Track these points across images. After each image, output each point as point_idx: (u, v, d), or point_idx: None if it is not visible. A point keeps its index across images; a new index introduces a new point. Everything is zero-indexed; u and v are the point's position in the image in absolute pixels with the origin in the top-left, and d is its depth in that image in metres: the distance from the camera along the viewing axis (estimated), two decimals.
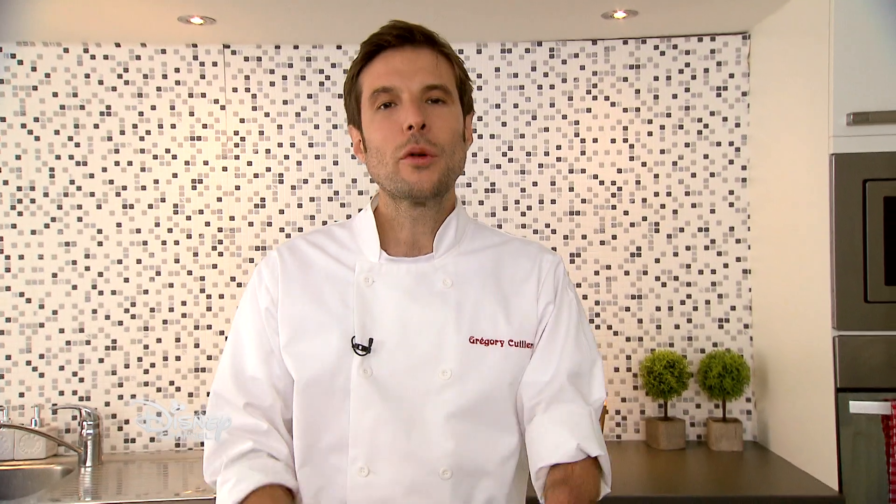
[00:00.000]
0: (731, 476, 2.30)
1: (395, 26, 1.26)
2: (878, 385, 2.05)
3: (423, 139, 1.21)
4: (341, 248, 1.37)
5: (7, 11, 2.36)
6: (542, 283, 1.35)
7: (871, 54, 2.06)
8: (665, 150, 2.66)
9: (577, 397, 1.31)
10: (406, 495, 1.27)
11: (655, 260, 2.67)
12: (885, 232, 2.05)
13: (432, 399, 1.28)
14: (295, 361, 1.31)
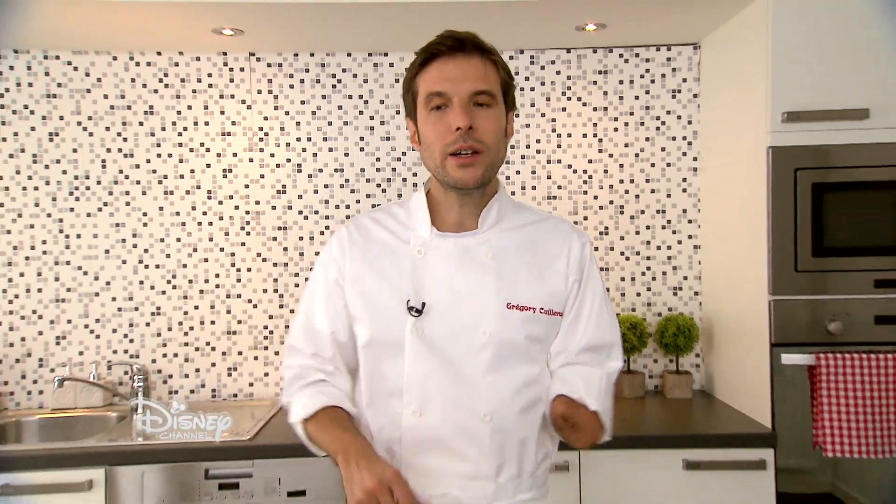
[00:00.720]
0: (683, 418, 2.34)
1: (449, 36, 1.26)
2: (805, 340, 2.08)
3: (470, 138, 1.22)
4: (398, 224, 1.37)
5: (65, 25, 2.37)
6: (571, 261, 1.34)
7: (802, 62, 2.07)
8: (628, 143, 2.68)
9: (595, 364, 1.34)
10: (452, 435, 1.29)
11: (620, 237, 2.70)
12: (811, 212, 2.07)
13: (474, 355, 1.29)
14: (360, 322, 1.34)
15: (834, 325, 2.07)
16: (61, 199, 2.66)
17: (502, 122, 1.28)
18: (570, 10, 2.25)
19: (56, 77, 2.66)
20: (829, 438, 2.00)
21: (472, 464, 1.30)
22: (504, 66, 1.30)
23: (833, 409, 2.01)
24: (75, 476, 2.04)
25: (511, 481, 1.32)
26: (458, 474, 1.30)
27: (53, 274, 2.67)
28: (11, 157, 2.64)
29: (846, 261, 2.10)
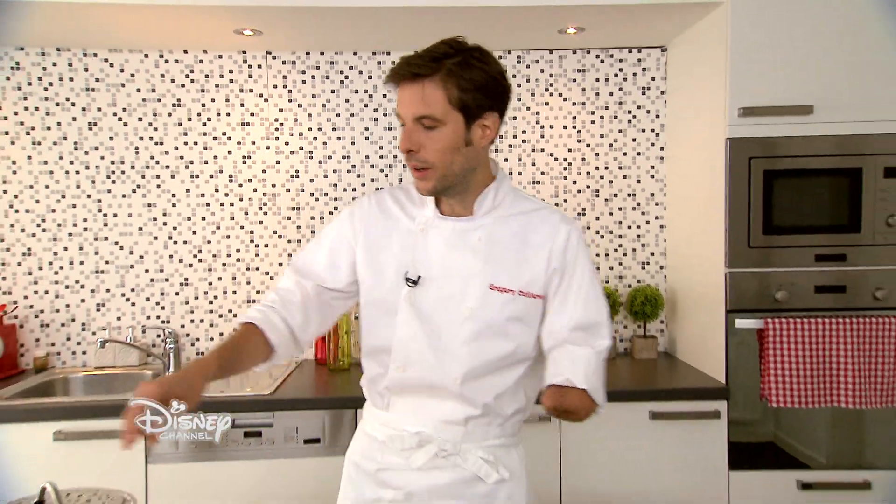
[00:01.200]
0: (649, 376, 2.38)
1: (394, 67, 1.22)
2: (756, 307, 2.14)
3: (413, 158, 1.22)
4: (411, 203, 1.36)
5: (102, 26, 2.38)
6: (554, 249, 1.31)
7: (757, 64, 2.11)
8: (603, 134, 2.71)
9: (584, 343, 1.31)
10: (428, 389, 1.32)
11: (595, 218, 2.73)
12: (763, 196, 2.12)
13: (455, 327, 1.29)
14: (365, 284, 1.36)
15: (780, 293, 2.12)
16: (99, 182, 2.67)
17: (451, 138, 1.21)
18: (554, 16, 2.26)
19: (94, 73, 2.65)
20: (775, 392, 2.06)
21: (443, 412, 1.33)
22: (469, 78, 1.19)
23: (778, 366, 2.07)
24: (117, 425, 2.07)
25: (479, 428, 1.34)
26: (432, 417, 1.33)
27: (93, 248, 2.68)
28: (55, 144, 2.64)
29: (791, 238, 2.14)
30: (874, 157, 2.13)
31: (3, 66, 2.62)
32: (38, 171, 2.66)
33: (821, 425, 2.19)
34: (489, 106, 1.23)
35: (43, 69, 2.64)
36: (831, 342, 2.09)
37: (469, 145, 1.23)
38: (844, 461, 2.17)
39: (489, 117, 1.24)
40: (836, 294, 2.15)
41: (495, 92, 1.24)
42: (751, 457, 2.16)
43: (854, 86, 2.12)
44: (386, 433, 1.36)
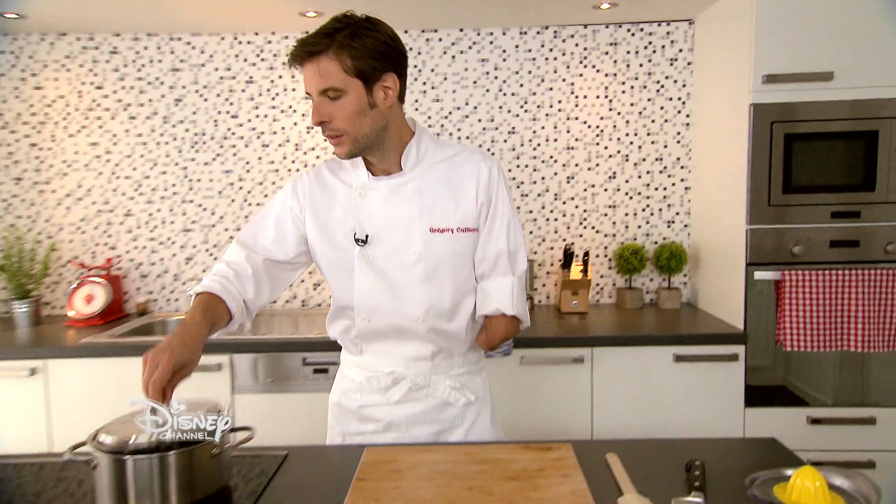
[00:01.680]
0: (673, 323, 2.37)
1: (292, 50, 1.20)
2: (774, 261, 2.15)
3: (327, 129, 1.20)
4: (345, 172, 1.35)
5: (185, 13, 2.43)
6: (480, 184, 1.32)
7: (780, 34, 2.07)
8: (633, 103, 2.69)
9: (507, 270, 1.35)
10: (394, 332, 1.35)
11: (625, 181, 2.72)
12: (783, 158, 2.11)
13: (407, 273, 1.31)
14: (319, 251, 1.36)
15: (797, 248, 2.13)
16: (185, 151, 2.75)
17: (356, 103, 1.19)
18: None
19: (179, 55, 2.72)
20: (789, 337, 2.09)
21: (411, 351, 1.36)
22: (361, 47, 1.17)
23: (793, 314, 2.09)
24: (208, 360, 2.18)
25: (444, 361, 1.38)
26: (402, 356, 1.37)
27: (182, 210, 2.78)
28: (148, 118, 2.73)
29: (809, 197, 2.13)
30: (891, 119, 2.09)
31: (104, 51, 2.71)
32: (135, 143, 2.75)
33: (829, 369, 2.20)
34: (384, 68, 1.20)
35: (136, 53, 2.71)
36: (843, 292, 2.09)
37: (374, 107, 1.22)
38: (851, 400, 2.18)
39: (388, 78, 1.22)
40: (849, 248, 2.14)
41: (388, 55, 1.21)
42: (764, 396, 2.18)
43: (873, 53, 2.08)
44: (363, 375, 1.40)
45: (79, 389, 2.19)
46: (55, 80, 2.71)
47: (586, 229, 2.77)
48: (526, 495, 1.02)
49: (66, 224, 2.78)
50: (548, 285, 2.79)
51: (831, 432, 2.17)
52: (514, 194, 2.76)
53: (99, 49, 2.71)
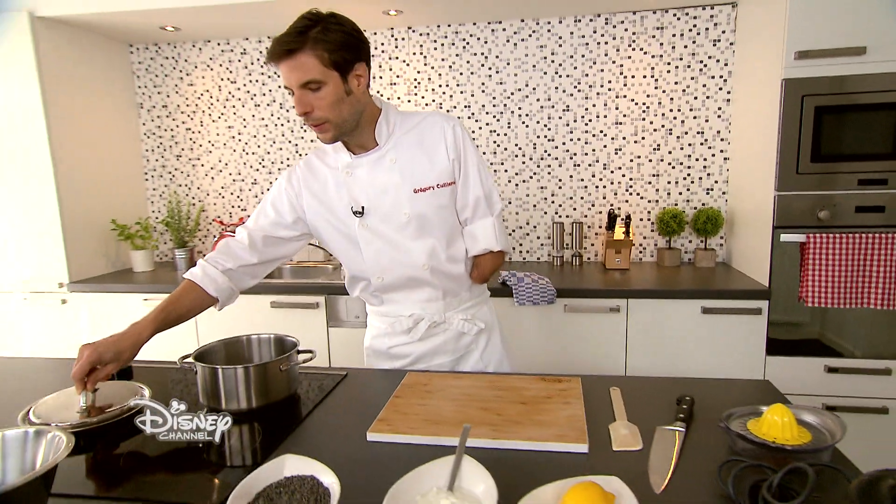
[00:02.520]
0: (706, 279, 2.32)
1: (276, 42, 1.14)
2: (799, 224, 2.07)
3: (310, 119, 1.18)
4: (329, 157, 1.33)
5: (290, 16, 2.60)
6: (448, 142, 1.30)
7: (813, 12, 1.96)
8: (678, 82, 2.61)
9: (487, 213, 1.36)
10: (406, 282, 1.36)
11: (668, 152, 2.66)
12: (813, 129, 2.01)
13: (403, 230, 1.31)
14: (324, 231, 1.35)
15: (823, 213, 2.04)
16: (296, 131, 2.89)
17: (335, 92, 1.16)
18: None
19: None
20: (811, 294, 2.03)
21: (424, 294, 1.37)
22: (331, 42, 1.14)
23: (816, 273, 2.02)
24: (309, 300, 2.34)
25: (453, 299, 1.40)
26: (417, 301, 1.38)
27: None
28: (268, 105, 2.90)
29: (836, 165, 2.03)
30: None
31: (236, 52, 2.92)
32: (259, 126, 2.93)
33: (861, 325, 2.10)
34: (354, 58, 1.18)
35: (259, 52, 2.87)
36: (866, 254, 1.99)
37: (350, 94, 1.19)
38: (868, 352, 2.09)
39: (359, 67, 1.19)
40: (875, 213, 2.02)
41: (357, 46, 1.18)
42: (785, 346, 2.12)
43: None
44: (387, 321, 1.42)
45: (217, 316, 2.31)
46: (202, 77, 2.95)
47: (632, 195, 2.74)
48: (529, 417, 1.04)
49: (210, 191, 3.04)
50: (596, 245, 2.80)
51: (848, 380, 2.09)
52: (567, 164, 2.77)
53: (233, 51, 2.90)
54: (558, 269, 2.60)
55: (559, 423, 1.01)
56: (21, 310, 2.62)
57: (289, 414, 1.14)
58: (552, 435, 0.97)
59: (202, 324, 2.45)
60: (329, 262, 2.88)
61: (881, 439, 2.08)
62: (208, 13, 2.45)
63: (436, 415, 1.06)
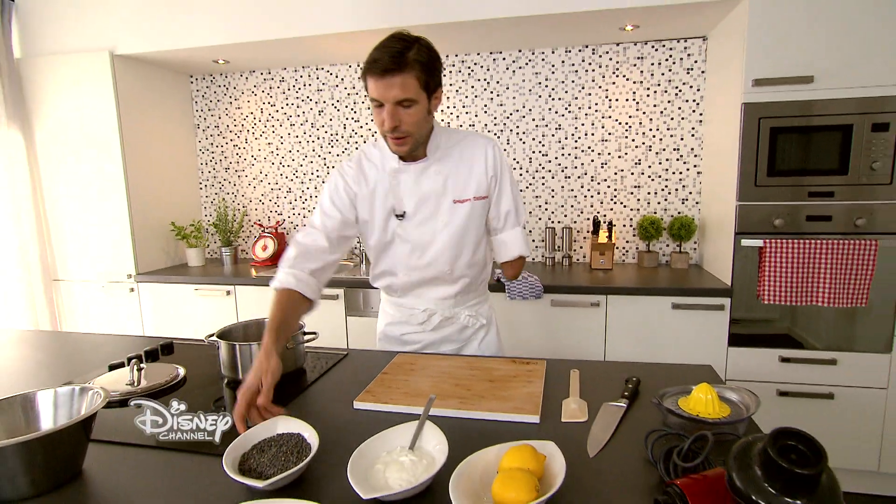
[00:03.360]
0: (677, 279, 2.31)
1: (377, 61, 1.09)
2: (758, 230, 2.08)
3: (396, 132, 1.14)
4: (377, 160, 1.29)
5: (326, 50, 2.58)
6: (488, 161, 1.28)
7: (767, 45, 1.97)
8: (656, 104, 2.62)
9: (515, 223, 1.34)
10: (428, 282, 1.35)
11: (648, 166, 2.67)
12: (769, 147, 2.02)
13: (437, 238, 1.29)
14: (365, 226, 1.31)
15: (778, 221, 2.05)
16: (325, 146, 2.97)
17: (422, 110, 1.15)
18: (616, 18, 2.23)
19: (322, 79, 2.90)
20: (767, 292, 2.04)
21: (440, 292, 1.36)
22: (425, 65, 1.12)
23: (771, 274, 2.03)
24: (329, 292, 2.35)
25: (462, 297, 1.39)
26: (433, 297, 1.37)
27: (322, 188, 2.86)
28: (301, 125, 2.97)
29: (789, 179, 2.03)
30: (863, 115, 1.94)
31: (276, 80, 2.98)
32: (293, 142, 3.01)
33: (800, 320, 2.11)
34: (438, 83, 1.17)
35: (295, 80, 2.96)
36: (814, 258, 2.00)
37: (430, 114, 1.18)
38: (817, 345, 2.10)
39: (438, 91, 1.18)
40: (823, 222, 2.03)
41: (439, 72, 1.17)
42: (744, 339, 2.13)
43: (848, 60, 1.94)
44: (403, 312, 1.41)
45: (253, 304, 2.50)
46: (248, 102, 3.05)
47: (616, 204, 2.75)
48: (493, 393, 1.06)
49: (252, 198, 3.13)
50: (584, 247, 2.83)
51: (797, 369, 2.10)
52: (559, 177, 2.80)
53: (273, 79, 2.99)
54: (550, 269, 2.62)
55: (519, 398, 1.04)
56: (98, 296, 2.81)
57: (294, 384, 1.18)
58: (510, 407, 1.00)
59: (241, 308, 2.57)
60: (350, 260, 2.92)
61: (828, 421, 2.09)
62: (253, 48, 2.57)
63: (415, 389, 1.10)
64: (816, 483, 0.62)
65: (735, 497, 0.65)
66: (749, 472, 0.65)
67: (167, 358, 1.40)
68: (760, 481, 0.64)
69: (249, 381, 0.96)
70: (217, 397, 1.14)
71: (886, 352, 2.01)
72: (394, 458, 0.79)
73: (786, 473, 0.62)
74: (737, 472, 0.66)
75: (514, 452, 0.78)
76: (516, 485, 0.70)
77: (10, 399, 0.88)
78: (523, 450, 0.78)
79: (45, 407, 0.89)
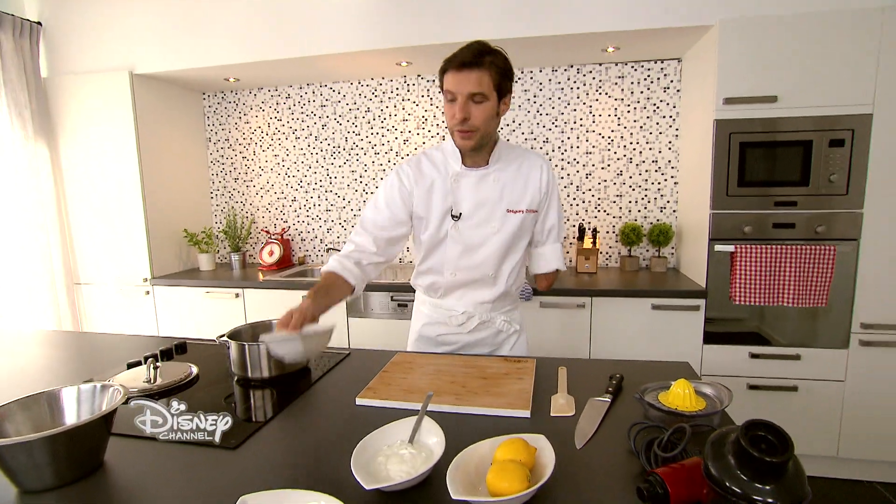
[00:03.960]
0: (657, 282, 2.32)
1: (457, 56, 1.11)
2: (730, 237, 2.09)
3: (465, 124, 1.14)
4: (439, 163, 1.27)
5: (328, 68, 2.57)
6: (542, 179, 1.28)
7: (737, 67, 2.00)
8: (636, 120, 2.63)
9: (556, 239, 1.34)
10: (471, 284, 1.31)
11: (629, 177, 2.67)
12: (739, 161, 2.04)
13: (487, 242, 1.26)
14: (424, 222, 1.28)
15: (747, 228, 2.07)
16: (327, 158, 2.94)
17: (492, 108, 1.15)
18: (598, 40, 2.25)
19: (325, 95, 2.89)
20: (738, 294, 2.05)
21: (480, 296, 1.33)
22: (500, 69, 1.13)
23: (742, 277, 2.04)
24: None
25: (500, 302, 1.35)
26: (473, 300, 1.33)
27: (325, 197, 2.97)
28: (306, 138, 2.95)
29: (757, 189, 2.05)
30: (821, 132, 1.97)
31: (282, 97, 2.98)
32: (298, 154, 2.99)
33: (768, 319, 2.13)
34: (508, 89, 1.18)
35: (300, 96, 2.93)
36: (780, 262, 2.02)
37: (497, 115, 1.18)
38: (783, 342, 2.12)
39: (508, 97, 1.19)
40: (788, 229, 2.05)
41: (511, 79, 1.19)
42: (717, 337, 2.15)
43: (808, 82, 1.97)
44: (441, 312, 1.37)
45: (261, 306, 2.47)
46: (256, 116, 3.03)
47: (600, 212, 2.74)
48: (487, 389, 1.05)
49: (260, 206, 3.09)
50: (570, 252, 2.83)
51: (766, 364, 2.12)
52: None
53: (280, 96, 2.97)
54: None
55: (511, 394, 1.03)
56: (116, 299, 2.78)
57: (299, 383, 1.17)
58: (503, 403, 1.00)
59: (249, 310, 2.55)
60: None
61: (792, 412, 2.10)
62: (262, 67, 2.55)
63: (413, 386, 1.09)
64: (784, 470, 0.63)
65: (711, 484, 0.66)
66: (723, 461, 0.66)
67: (181, 357, 1.39)
68: (734, 469, 0.65)
69: (283, 316, 1.02)
70: (228, 394, 1.14)
71: (844, 347, 2.04)
72: (394, 451, 0.79)
73: (756, 462, 0.63)
74: (712, 461, 0.67)
75: (507, 445, 0.78)
76: (509, 475, 0.71)
77: (37, 396, 0.88)
78: (515, 443, 0.78)
79: (70, 403, 0.89)
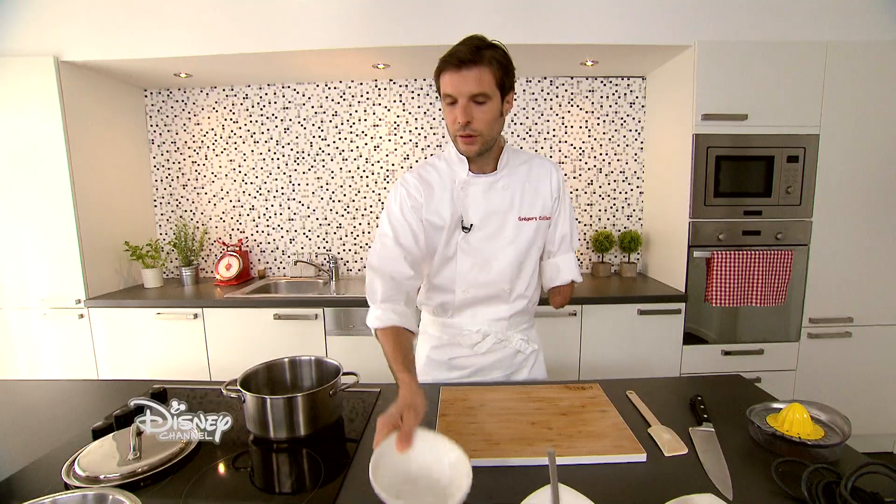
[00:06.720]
0: (634, 287, 2.36)
1: (454, 54, 1.03)
2: (706, 244, 2.19)
3: (468, 128, 1.06)
4: (443, 172, 1.19)
5: (293, 67, 2.43)
6: (553, 184, 1.22)
7: (714, 87, 2.10)
8: (605, 132, 2.71)
9: (569, 248, 1.26)
10: (485, 300, 1.23)
11: (599, 186, 2.74)
12: (714, 172, 2.15)
13: (500, 253, 1.19)
14: (430, 237, 1.19)
15: (722, 235, 2.18)
16: (290, 164, 2.78)
17: (495, 109, 1.07)
18: (580, 52, 2.28)
19: (288, 97, 2.74)
20: (714, 296, 2.16)
21: (494, 313, 1.25)
22: (502, 63, 1.04)
23: (718, 280, 2.15)
24: (308, 312, 2.20)
25: (515, 319, 1.27)
26: (487, 318, 1.25)
27: (287, 205, 2.80)
28: (266, 142, 2.77)
29: (730, 200, 2.18)
30: (781, 149, 2.15)
31: (239, 97, 2.78)
32: (257, 159, 2.79)
33: (739, 319, 2.27)
34: (511, 85, 1.10)
35: (259, 97, 2.75)
36: (749, 265, 2.16)
37: (501, 116, 1.10)
38: (749, 338, 2.27)
39: (510, 94, 1.10)
40: (755, 236, 2.20)
41: (512, 75, 1.10)
42: (694, 337, 2.26)
43: (774, 103, 2.13)
44: (452, 333, 1.27)
45: (225, 328, 2.26)
46: (208, 118, 2.79)
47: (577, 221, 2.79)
48: (578, 429, 0.94)
49: (213, 215, 2.86)
50: None
51: (736, 360, 2.26)
52: None
53: (237, 96, 2.76)
54: None
55: (608, 433, 0.92)
56: (40, 325, 2.35)
57: (339, 439, 0.97)
58: (610, 446, 0.88)
59: (211, 333, 2.28)
60: (318, 277, 2.76)
61: None
62: (218, 62, 2.33)
63: (490, 433, 0.93)
64: None
65: None
66: None
67: None
68: None
69: (391, 412, 0.83)
70: (239, 452, 0.92)
71: (796, 340, 2.23)
72: None
73: None
74: None
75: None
76: None
77: None
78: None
79: None
